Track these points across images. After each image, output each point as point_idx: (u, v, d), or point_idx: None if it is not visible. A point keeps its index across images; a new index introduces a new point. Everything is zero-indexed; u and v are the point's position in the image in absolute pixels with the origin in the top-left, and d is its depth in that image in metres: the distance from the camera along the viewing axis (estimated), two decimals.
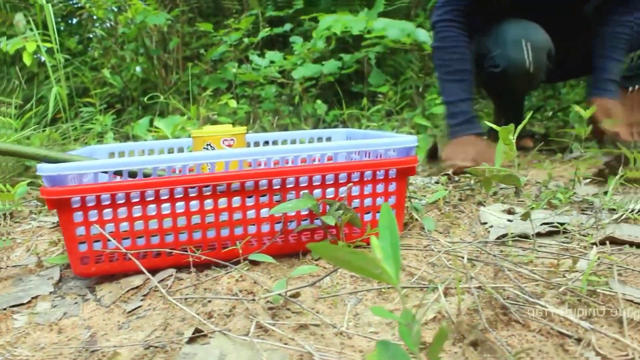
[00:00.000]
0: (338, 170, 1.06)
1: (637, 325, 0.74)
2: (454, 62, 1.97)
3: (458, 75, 1.97)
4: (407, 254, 1.06)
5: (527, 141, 2.31)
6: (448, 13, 1.99)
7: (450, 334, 0.73)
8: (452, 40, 1.98)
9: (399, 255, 0.55)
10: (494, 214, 1.19)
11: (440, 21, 2.00)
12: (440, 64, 2.01)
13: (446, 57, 1.98)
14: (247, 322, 0.82)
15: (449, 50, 1.98)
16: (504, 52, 1.95)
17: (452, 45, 1.98)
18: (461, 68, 1.97)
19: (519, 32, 1.95)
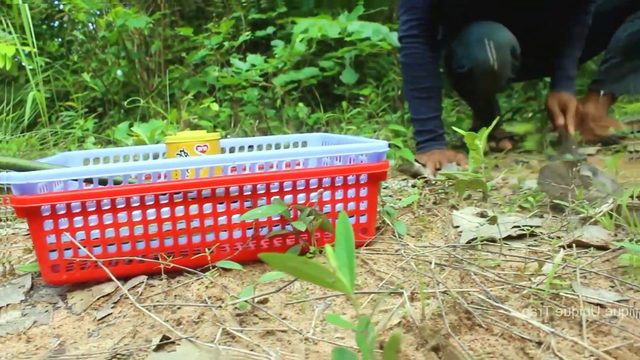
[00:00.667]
0: (309, 176, 1.06)
1: (598, 327, 0.75)
2: (421, 79, 2.01)
3: (425, 93, 2.01)
4: (378, 258, 1.07)
5: (505, 143, 2.33)
6: (413, 28, 2.02)
7: (414, 339, 0.74)
8: (418, 57, 2.02)
9: (354, 263, 0.56)
10: (465, 218, 1.20)
11: (406, 37, 2.04)
12: (408, 80, 2.05)
13: (413, 73, 2.03)
14: (214, 329, 0.82)
15: (415, 67, 2.02)
16: (468, 52, 1.95)
17: (419, 63, 2.02)
18: (428, 85, 2.01)
19: (481, 32, 1.94)
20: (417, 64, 2.02)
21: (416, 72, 2.02)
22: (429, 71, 2.01)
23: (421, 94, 2.01)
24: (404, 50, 2.05)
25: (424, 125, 1.99)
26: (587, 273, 0.92)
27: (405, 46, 2.05)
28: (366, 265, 1.04)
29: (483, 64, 1.91)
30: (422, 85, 2.01)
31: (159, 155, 1.40)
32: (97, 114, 3.29)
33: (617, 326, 0.75)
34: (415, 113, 2.02)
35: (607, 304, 0.81)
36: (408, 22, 2.03)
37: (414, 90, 2.02)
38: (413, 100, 2.03)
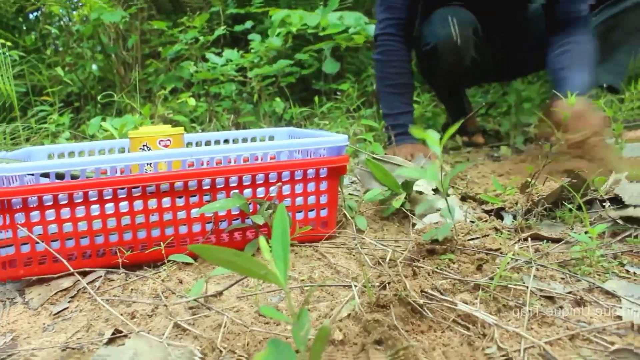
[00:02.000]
0: (268, 169, 1.07)
1: (542, 318, 0.76)
2: (395, 75, 2.02)
3: (398, 89, 2.02)
4: (337, 252, 1.07)
5: (478, 137, 2.34)
6: (390, 27, 2.03)
7: (359, 330, 0.74)
8: (392, 54, 2.02)
9: (289, 256, 0.56)
10: (428, 213, 1.21)
11: (382, 35, 2.04)
12: (382, 77, 2.05)
13: (388, 70, 2.03)
14: (167, 322, 0.82)
15: (389, 63, 2.02)
16: (432, 29, 1.99)
17: (393, 59, 2.02)
18: (401, 81, 2.02)
19: (446, 12, 1.98)
20: (392, 61, 2.02)
21: (391, 68, 2.03)
22: (403, 68, 2.02)
23: (394, 89, 2.02)
24: (380, 48, 2.06)
25: (396, 120, 2.00)
26: (541, 266, 0.93)
27: (380, 44, 2.05)
28: (325, 258, 1.04)
29: (447, 40, 1.94)
30: (395, 82, 2.02)
31: (125, 150, 1.39)
32: (74, 109, 3.26)
33: (561, 317, 0.76)
34: (388, 108, 2.03)
35: (556, 295, 0.82)
36: (385, 21, 2.04)
37: (388, 86, 2.03)
38: (386, 95, 2.04)
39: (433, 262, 0.94)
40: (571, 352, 0.68)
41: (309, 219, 1.13)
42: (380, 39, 2.05)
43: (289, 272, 0.99)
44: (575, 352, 0.68)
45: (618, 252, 0.97)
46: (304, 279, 0.94)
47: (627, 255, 0.97)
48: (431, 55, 2.01)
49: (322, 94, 3.41)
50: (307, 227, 1.08)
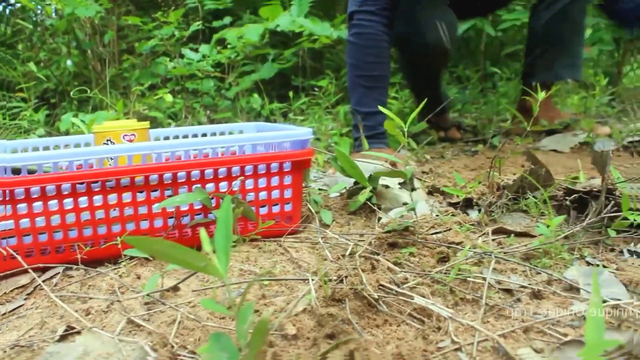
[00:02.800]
0: (230, 163, 1.05)
1: (499, 311, 0.76)
2: (370, 65, 1.79)
3: (372, 82, 1.80)
4: (301, 246, 1.06)
5: (454, 132, 2.34)
6: (369, 4, 1.78)
7: (314, 324, 0.73)
8: (370, 38, 1.79)
9: (229, 248, 0.55)
10: (394, 206, 1.20)
11: (359, 12, 1.80)
12: (355, 64, 1.82)
13: (363, 57, 1.80)
14: (122, 318, 0.81)
15: (366, 50, 1.79)
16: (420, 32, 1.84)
17: (371, 45, 1.79)
18: (377, 73, 1.80)
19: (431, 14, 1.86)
20: (368, 46, 1.79)
21: (367, 56, 1.79)
22: (381, 57, 1.80)
23: (368, 82, 1.79)
24: (355, 29, 1.80)
25: (366, 120, 1.78)
26: (502, 259, 0.92)
27: (356, 23, 1.79)
28: (287, 253, 1.03)
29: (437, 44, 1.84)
30: (370, 73, 1.79)
31: (90, 144, 1.37)
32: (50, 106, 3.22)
33: (518, 310, 0.76)
34: (359, 104, 1.79)
35: (514, 288, 0.82)
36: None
37: (361, 77, 1.79)
38: (358, 88, 1.80)
39: (393, 256, 0.93)
40: (524, 345, 0.67)
41: (273, 213, 1.11)
42: (357, 18, 1.80)
43: (250, 266, 0.98)
44: (527, 344, 0.67)
45: (576, 243, 0.97)
46: (262, 274, 0.93)
47: (588, 248, 0.97)
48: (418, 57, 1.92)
49: (301, 90, 3.40)
50: (270, 221, 1.07)
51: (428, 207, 1.18)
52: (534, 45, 2.20)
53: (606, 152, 1.01)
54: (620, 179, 1.16)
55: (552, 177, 1.17)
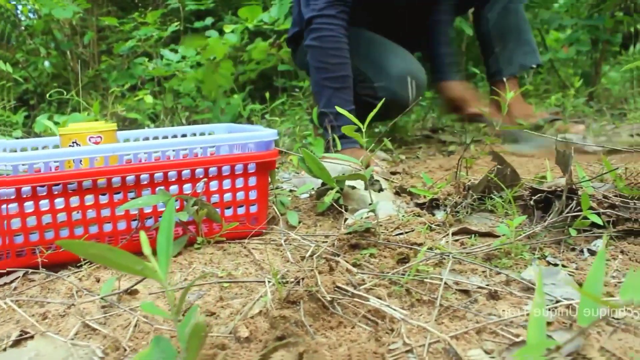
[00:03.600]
0: (194, 165, 1.05)
1: (454, 312, 0.76)
2: (335, 66, 1.82)
3: (338, 82, 1.82)
4: (265, 248, 1.06)
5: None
6: (330, 8, 1.82)
7: (268, 327, 0.73)
8: (332, 41, 1.82)
9: (171, 250, 0.55)
10: (360, 207, 1.20)
11: (320, 16, 1.83)
12: (319, 67, 1.84)
13: (326, 59, 1.82)
14: (77, 322, 0.80)
15: (329, 52, 1.82)
16: (389, 86, 1.93)
17: (334, 48, 1.82)
18: (342, 74, 1.83)
19: (402, 66, 1.95)
20: (331, 49, 1.82)
21: (331, 57, 1.82)
22: (343, 58, 1.83)
23: (334, 83, 1.81)
24: (316, 32, 1.83)
25: (337, 121, 1.78)
26: (461, 260, 0.92)
27: (318, 27, 1.83)
28: (251, 255, 1.03)
29: (402, 100, 1.91)
30: (335, 74, 1.81)
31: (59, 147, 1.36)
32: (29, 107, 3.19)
33: (473, 311, 0.76)
34: (327, 106, 1.80)
35: (471, 289, 0.82)
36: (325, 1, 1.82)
37: (327, 79, 1.82)
38: (325, 90, 1.82)
39: (353, 257, 0.93)
40: (475, 346, 0.67)
41: (238, 215, 1.11)
42: (318, 22, 1.83)
43: (213, 268, 0.97)
44: (479, 345, 0.67)
45: (538, 243, 0.97)
46: (222, 276, 0.92)
47: (550, 247, 0.97)
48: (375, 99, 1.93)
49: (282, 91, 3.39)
50: (234, 223, 1.07)
51: (394, 208, 1.18)
52: (490, 46, 2.29)
53: (568, 152, 1.02)
54: (585, 178, 1.16)
55: (518, 176, 1.17)
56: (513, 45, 2.24)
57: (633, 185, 1.13)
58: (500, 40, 2.26)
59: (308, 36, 1.86)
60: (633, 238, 0.99)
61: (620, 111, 2.69)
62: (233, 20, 3.38)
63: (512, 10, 2.23)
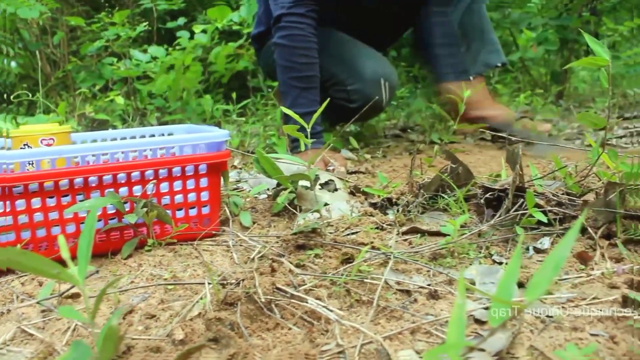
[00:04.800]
0: (143, 167, 1.04)
1: (391, 312, 0.76)
2: (303, 66, 1.81)
3: (305, 83, 1.81)
4: (217, 249, 1.06)
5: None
6: (299, 6, 1.80)
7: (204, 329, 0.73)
8: (301, 40, 1.81)
9: (90, 254, 0.54)
10: (313, 207, 1.20)
11: (289, 15, 1.81)
12: (287, 66, 1.83)
13: (294, 59, 1.81)
14: (13, 327, 0.79)
15: (297, 51, 1.81)
16: (363, 90, 1.93)
17: (302, 47, 1.81)
18: (310, 74, 1.82)
19: (375, 68, 1.96)
20: (299, 48, 1.80)
21: (299, 57, 1.80)
22: (311, 57, 1.81)
23: (301, 83, 1.80)
24: (284, 31, 1.81)
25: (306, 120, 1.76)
26: (404, 260, 0.92)
27: (286, 25, 1.81)
28: (201, 256, 1.02)
29: (376, 103, 1.91)
30: (303, 74, 1.80)
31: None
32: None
33: (410, 311, 0.76)
34: (294, 105, 1.77)
35: (412, 289, 0.82)
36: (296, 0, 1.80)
37: (294, 79, 1.80)
38: (291, 90, 1.81)
39: (297, 258, 0.93)
40: (407, 346, 0.67)
41: (190, 216, 1.10)
42: (286, 20, 1.81)
43: (162, 270, 0.96)
44: (411, 345, 0.68)
45: (485, 241, 0.98)
46: (167, 278, 0.92)
47: (497, 246, 0.97)
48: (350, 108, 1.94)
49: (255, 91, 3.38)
50: (184, 224, 1.06)
51: (348, 208, 1.18)
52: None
53: (517, 150, 1.02)
54: (537, 176, 1.18)
55: (471, 175, 1.18)
56: (477, 45, 2.26)
57: (582, 183, 1.14)
58: (464, 41, 2.27)
59: (276, 34, 1.84)
60: (580, 235, 1.00)
61: (587, 109, 2.72)
62: (206, 20, 3.36)
63: (475, 10, 2.25)
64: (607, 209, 0.97)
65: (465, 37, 2.26)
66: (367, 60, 1.99)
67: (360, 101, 1.92)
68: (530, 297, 0.46)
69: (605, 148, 1.04)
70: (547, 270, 0.46)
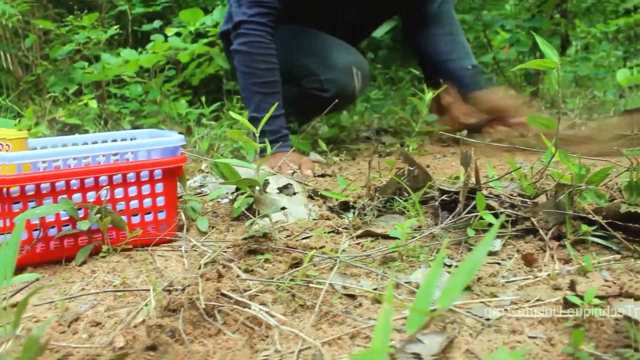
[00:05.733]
0: (96, 173, 1.03)
1: (334, 317, 0.76)
2: (264, 71, 1.82)
3: (267, 87, 1.81)
4: (172, 255, 1.05)
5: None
6: (260, 15, 1.82)
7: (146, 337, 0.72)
8: (261, 47, 1.82)
9: (14, 264, 0.54)
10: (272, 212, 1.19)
11: (249, 22, 1.82)
12: (248, 72, 1.84)
13: (255, 65, 1.82)
14: None
15: (257, 57, 1.82)
16: (336, 78, 1.96)
17: (262, 54, 1.82)
18: (271, 79, 1.82)
19: (347, 57, 1.99)
20: (259, 54, 1.82)
21: (259, 63, 1.82)
22: (272, 63, 1.83)
23: (264, 88, 1.80)
24: (244, 37, 1.82)
25: (267, 125, 1.68)
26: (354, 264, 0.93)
27: (246, 32, 1.82)
28: (155, 262, 1.02)
29: (349, 92, 1.96)
30: (265, 79, 1.81)
31: None
32: None
33: (353, 315, 0.76)
34: (257, 110, 1.78)
35: (358, 293, 0.82)
36: (256, 7, 1.82)
37: (256, 84, 1.81)
38: (254, 95, 1.81)
39: (247, 263, 0.93)
40: (346, 351, 0.68)
41: (146, 222, 1.10)
42: (246, 27, 1.83)
43: (115, 277, 0.96)
44: (350, 350, 0.68)
45: (437, 245, 0.98)
46: (116, 284, 0.91)
47: (449, 249, 0.98)
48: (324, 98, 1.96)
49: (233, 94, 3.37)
50: (138, 230, 1.06)
51: (306, 212, 1.18)
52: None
53: (469, 152, 1.03)
54: (494, 177, 1.18)
55: (429, 177, 1.18)
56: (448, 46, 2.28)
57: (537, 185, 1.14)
58: None
59: (235, 40, 1.86)
60: (532, 237, 1.01)
61: (557, 110, 2.74)
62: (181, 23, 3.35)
63: (444, 12, 2.28)
64: (557, 210, 0.98)
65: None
66: (339, 51, 2.02)
67: (333, 90, 1.95)
68: (443, 304, 0.46)
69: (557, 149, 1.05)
70: (461, 275, 0.46)
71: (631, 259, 0.90)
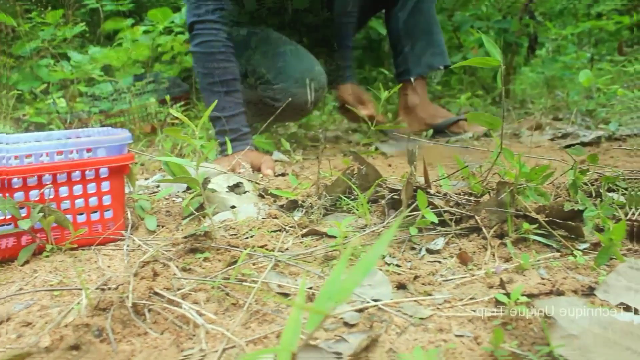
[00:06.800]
0: (39, 171, 1.02)
1: (264, 315, 0.76)
2: (221, 71, 1.81)
3: (226, 86, 1.81)
4: (116, 254, 1.04)
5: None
6: (210, 13, 1.82)
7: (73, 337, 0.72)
8: (216, 47, 1.82)
9: None
10: (220, 210, 1.19)
11: (201, 22, 1.83)
12: (206, 73, 1.84)
13: (212, 65, 1.82)
14: None
15: (213, 56, 1.82)
16: (288, 88, 1.96)
17: (217, 52, 1.82)
18: (229, 78, 1.82)
19: (301, 68, 1.99)
20: (215, 54, 1.81)
21: (217, 62, 1.81)
22: (229, 61, 1.83)
23: (222, 87, 1.80)
24: (199, 38, 1.83)
25: (230, 124, 1.79)
26: (300, 261, 0.93)
27: (199, 33, 1.83)
28: (99, 262, 1.01)
29: (301, 103, 1.96)
30: (222, 78, 1.81)
31: None
32: None
33: (284, 314, 0.76)
34: (220, 110, 1.79)
35: (292, 292, 0.82)
36: (204, 6, 1.81)
37: (214, 83, 1.81)
38: (213, 95, 1.80)
39: (185, 261, 0.93)
40: None
41: (92, 221, 1.09)
42: (199, 28, 1.83)
43: (57, 276, 0.95)
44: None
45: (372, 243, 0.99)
46: (52, 284, 0.90)
47: (392, 247, 0.98)
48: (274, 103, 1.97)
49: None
50: (82, 229, 1.05)
51: (255, 210, 1.18)
52: (399, 46, 2.35)
53: (414, 150, 1.03)
54: (444, 175, 1.19)
55: (379, 175, 1.18)
56: (422, 46, 2.30)
57: (485, 183, 1.15)
58: (409, 40, 2.32)
59: (191, 42, 1.87)
60: (476, 235, 1.02)
61: (525, 110, 2.77)
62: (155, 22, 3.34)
63: (423, 10, 2.29)
64: (499, 208, 0.99)
65: (411, 37, 2.30)
66: (296, 60, 2.01)
67: (284, 100, 1.94)
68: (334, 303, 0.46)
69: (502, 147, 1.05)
70: (355, 274, 0.46)
71: (569, 257, 0.91)
